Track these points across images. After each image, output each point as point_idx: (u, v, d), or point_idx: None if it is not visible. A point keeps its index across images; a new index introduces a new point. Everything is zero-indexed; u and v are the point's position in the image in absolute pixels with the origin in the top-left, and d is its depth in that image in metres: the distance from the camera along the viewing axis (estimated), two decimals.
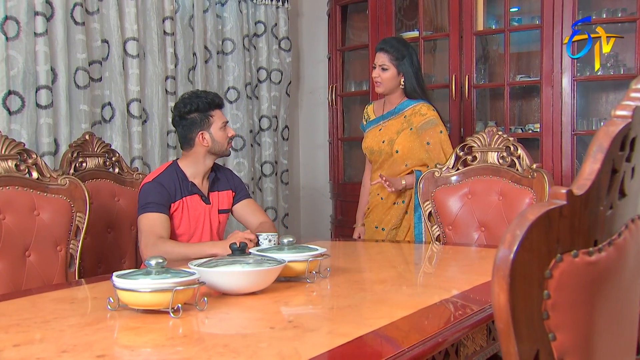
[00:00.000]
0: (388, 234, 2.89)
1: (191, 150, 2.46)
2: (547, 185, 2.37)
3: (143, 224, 2.30)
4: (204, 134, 2.44)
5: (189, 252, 2.20)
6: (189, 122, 2.44)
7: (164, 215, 2.32)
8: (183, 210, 2.41)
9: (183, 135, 2.47)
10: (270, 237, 2.16)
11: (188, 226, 2.42)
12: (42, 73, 2.97)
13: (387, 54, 2.90)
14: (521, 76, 3.82)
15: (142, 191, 2.38)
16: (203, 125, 2.44)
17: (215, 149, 2.46)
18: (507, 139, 2.54)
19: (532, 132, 3.62)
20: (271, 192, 4.42)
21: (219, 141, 2.46)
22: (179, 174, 2.44)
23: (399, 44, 2.95)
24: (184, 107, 2.44)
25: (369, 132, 3.02)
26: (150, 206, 2.31)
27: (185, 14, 3.80)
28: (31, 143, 2.93)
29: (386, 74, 2.90)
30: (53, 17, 3.03)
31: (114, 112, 3.35)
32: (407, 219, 2.87)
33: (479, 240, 2.51)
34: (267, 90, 4.38)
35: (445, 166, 2.64)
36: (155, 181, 2.38)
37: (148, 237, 2.26)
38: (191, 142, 2.45)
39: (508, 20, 3.62)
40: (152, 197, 2.33)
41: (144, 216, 2.31)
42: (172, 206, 2.38)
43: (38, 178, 2.12)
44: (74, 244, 2.15)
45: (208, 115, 2.45)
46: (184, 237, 2.43)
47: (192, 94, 2.49)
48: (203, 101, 2.44)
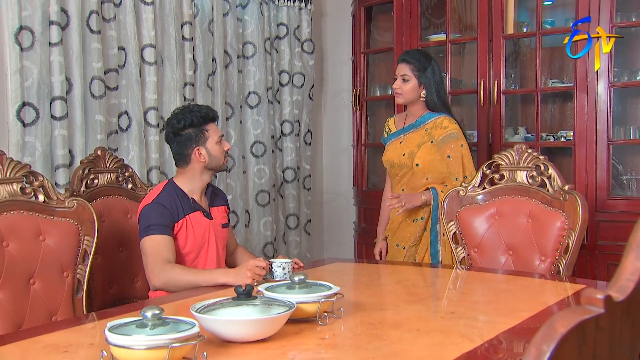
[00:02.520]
0: (408, 252, 2.80)
1: (187, 167, 2.38)
2: (580, 209, 2.22)
3: (147, 248, 2.22)
4: (200, 149, 2.35)
5: (199, 280, 2.11)
6: (184, 138, 2.35)
7: (168, 237, 2.24)
8: (187, 228, 2.32)
9: (178, 152, 2.38)
10: (284, 265, 2.06)
11: (194, 244, 2.34)
12: (56, 84, 2.91)
13: (409, 65, 2.81)
14: (553, 81, 3.64)
15: (142, 214, 2.29)
16: (199, 141, 2.35)
17: (212, 164, 2.38)
18: (538, 157, 2.39)
19: (565, 140, 3.45)
20: (293, 198, 4.33)
21: (216, 156, 2.38)
22: (177, 192, 2.35)
23: (421, 56, 2.86)
24: (178, 123, 2.35)
25: (390, 144, 2.92)
26: (153, 228, 2.22)
27: (205, 18, 3.70)
28: (45, 155, 2.88)
29: (407, 85, 2.81)
30: (68, 26, 2.96)
31: (130, 121, 3.28)
32: (426, 235, 2.77)
33: (506, 265, 2.37)
34: (289, 94, 4.28)
35: (471, 185, 2.50)
36: (155, 202, 2.29)
37: (155, 262, 2.17)
38: (187, 159, 2.37)
39: (540, 23, 3.44)
40: (154, 219, 2.24)
41: (147, 239, 2.22)
42: (176, 226, 2.29)
43: (44, 201, 2.05)
44: (81, 268, 2.08)
45: (203, 130, 2.36)
46: (191, 256, 2.35)
47: (184, 108, 2.40)
48: (197, 115, 2.35)
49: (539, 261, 2.30)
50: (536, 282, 2.08)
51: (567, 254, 2.22)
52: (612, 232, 3.25)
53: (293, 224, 4.35)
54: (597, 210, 3.26)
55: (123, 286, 2.55)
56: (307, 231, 4.47)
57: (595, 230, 3.19)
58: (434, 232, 2.71)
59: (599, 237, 3.24)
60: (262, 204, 4.05)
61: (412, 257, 2.80)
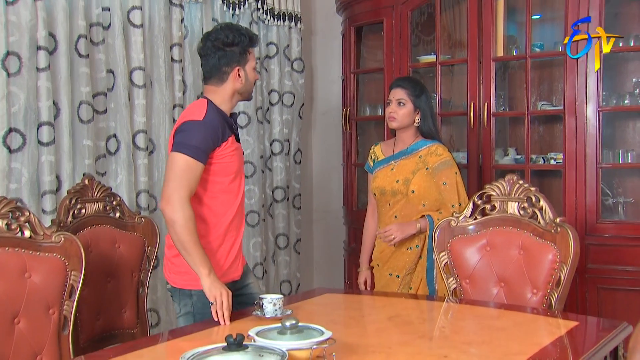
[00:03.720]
0: (402, 280, 2.78)
1: (221, 86, 2.27)
2: (572, 242, 2.21)
3: (179, 167, 2.12)
4: (240, 69, 2.27)
5: (192, 257, 2.11)
6: (227, 54, 2.24)
7: (202, 165, 2.16)
8: (231, 148, 2.25)
9: (216, 67, 2.25)
10: (275, 301, 2.04)
11: (239, 165, 2.29)
12: (44, 109, 2.87)
13: (405, 90, 2.80)
14: (543, 103, 3.65)
15: (187, 128, 2.16)
16: (240, 61, 2.27)
17: (244, 89, 2.31)
18: (529, 189, 2.38)
19: (555, 163, 3.45)
20: (283, 218, 4.30)
21: (251, 81, 2.32)
22: (219, 111, 2.25)
23: (416, 83, 2.88)
24: (226, 38, 2.23)
25: (379, 172, 2.89)
26: (194, 150, 2.13)
27: (194, 40, 3.68)
28: (32, 182, 2.84)
29: (403, 109, 2.79)
30: (56, 50, 2.93)
31: (119, 144, 3.25)
32: (421, 263, 2.76)
33: (497, 297, 2.36)
34: (279, 114, 4.26)
35: (463, 215, 2.49)
36: (205, 121, 2.17)
37: (180, 188, 2.10)
38: (224, 76, 2.26)
39: (530, 46, 3.45)
40: (198, 140, 2.14)
41: (183, 158, 2.12)
42: (224, 145, 2.21)
43: (31, 237, 2.02)
44: (68, 304, 2.04)
45: (247, 51, 2.28)
46: (237, 179, 2.29)
47: (232, 26, 2.31)
48: (245, 35, 2.26)
49: (531, 294, 2.29)
50: (529, 317, 2.07)
51: (559, 288, 2.22)
52: (602, 255, 3.26)
53: (283, 244, 4.32)
54: (587, 234, 3.27)
55: (110, 318, 2.51)
56: (297, 250, 4.45)
57: (585, 254, 3.19)
58: (430, 259, 2.69)
59: (588, 260, 3.24)
60: (251, 225, 4.02)
61: (407, 286, 2.77)
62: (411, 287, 2.77)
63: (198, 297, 2.19)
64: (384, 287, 2.83)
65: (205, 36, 2.32)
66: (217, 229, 2.27)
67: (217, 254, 2.26)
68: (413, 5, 3.80)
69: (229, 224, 2.29)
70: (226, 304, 2.08)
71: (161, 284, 3.44)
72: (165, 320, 3.46)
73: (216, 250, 2.26)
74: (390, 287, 2.80)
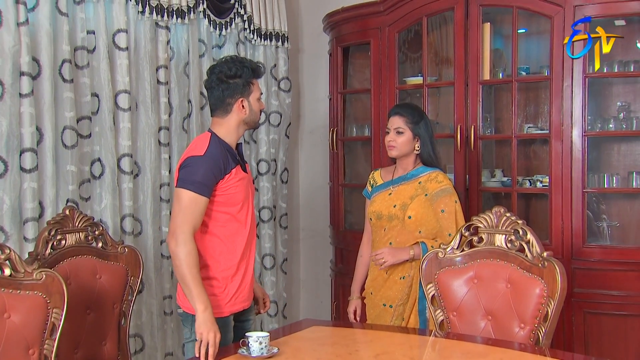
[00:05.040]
0: (395, 311, 2.74)
1: (226, 117, 2.35)
2: (559, 277, 2.21)
3: (185, 203, 2.21)
4: (243, 101, 2.34)
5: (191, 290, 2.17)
6: (231, 87, 2.33)
7: (206, 199, 2.24)
8: (236, 180, 2.31)
9: (221, 99, 2.34)
10: (261, 340, 2.01)
11: (245, 195, 2.35)
12: (26, 135, 2.83)
13: (403, 117, 2.78)
14: (529, 126, 3.66)
15: (191, 163, 2.24)
16: (244, 92, 2.35)
17: (250, 119, 2.38)
18: (516, 222, 2.38)
19: (541, 186, 3.46)
20: (269, 238, 4.28)
21: (255, 111, 2.39)
22: (222, 144, 2.32)
23: (414, 109, 2.84)
24: (229, 70, 2.33)
25: (377, 196, 2.86)
26: (198, 186, 2.21)
27: (181, 61, 3.66)
28: (14, 209, 2.79)
29: (401, 137, 2.77)
30: (40, 75, 2.89)
31: (103, 168, 3.21)
32: (412, 293, 2.72)
33: (485, 331, 2.35)
34: (266, 134, 4.24)
35: (450, 246, 2.48)
36: (207, 156, 2.25)
37: (187, 223, 2.20)
38: (228, 108, 2.34)
39: (516, 71, 3.46)
40: (201, 175, 2.22)
41: (189, 195, 2.21)
42: (227, 177, 2.28)
43: (11, 275, 1.98)
44: (49, 343, 2.01)
45: (250, 83, 2.36)
46: (245, 208, 2.34)
47: (235, 58, 2.40)
48: (248, 67, 2.36)
49: (519, 328, 2.29)
50: (516, 355, 2.06)
51: (547, 322, 2.21)
52: (588, 279, 3.27)
53: (269, 264, 4.30)
54: (573, 258, 3.28)
55: (89, 350, 2.47)
56: (284, 270, 4.43)
57: (572, 278, 3.20)
58: (422, 288, 2.63)
59: (575, 284, 3.25)
60: None
61: (400, 317, 2.73)
62: (403, 318, 2.74)
63: None
64: (377, 317, 2.80)
65: (211, 69, 2.41)
66: (229, 258, 2.33)
67: (232, 282, 2.33)
68: (400, 27, 3.80)
69: (241, 252, 2.35)
70: (212, 343, 2.11)
71: (146, 309, 3.40)
72: (150, 345, 3.42)
73: (231, 279, 2.33)
74: (384, 318, 2.77)
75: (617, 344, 3.23)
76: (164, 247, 3.50)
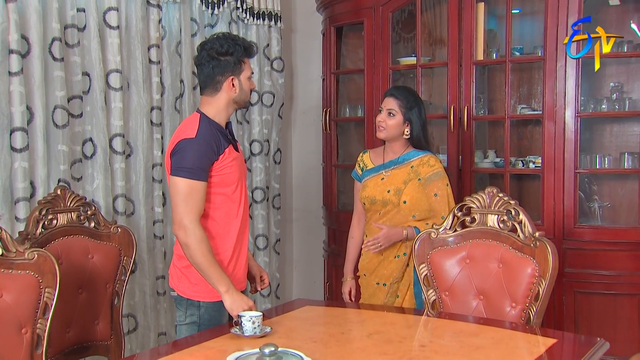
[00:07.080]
0: (390, 289, 2.75)
1: (215, 96, 2.29)
2: (551, 257, 2.22)
3: (183, 191, 2.16)
4: (234, 79, 2.28)
5: (210, 276, 2.16)
6: (221, 64, 2.26)
7: (204, 183, 2.19)
8: (229, 159, 2.26)
9: (210, 77, 2.28)
10: (254, 319, 2.02)
11: (239, 174, 2.31)
12: (17, 114, 2.80)
13: (397, 100, 2.76)
14: (522, 107, 3.67)
15: (183, 148, 2.18)
16: (234, 71, 2.28)
17: (239, 98, 2.32)
18: (508, 202, 2.38)
19: (533, 167, 3.47)
20: (262, 219, 4.28)
21: (245, 90, 2.33)
22: (212, 125, 2.26)
23: (410, 94, 2.81)
24: (221, 47, 2.25)
25: (369, 181, 2.85)
26: (194, 172, 2.16)
27: (172, 40, 3.62)
28: (5, 188, 2.78)
29: (392, 120, 2.76)
30: (29, 54, 2.85)
31: (95, 148, 3.19)
32: (408, 272, 2.73)
33: (476, 310, 2.37)
34: (259, 114, 4.22)
35: (443, 227, 2.49)
36: (198, 138, 2.18)
37: (189, 208, 2.15)
38: (218, 86, 2.28)
39: (510, 51, 3.45)
40: (195, 160, 2.16)
41: (185, 182, 2.16)
42: (221, 158, 2.23)
43: (2, 254, 1.97)
44: (41, 323, 2.00)
45: (241, 61, 2.30)
46: (239, 188, 2.31)
47: (228, 35, 2.32)
48: (240, 45, 2.29)
49: (510, 307, 2.30)
50: (507, 334, 2.07)
51: (538, 302, 2.23)
52: (579, 260, 3.30)
53: (262, 245, 4.30)
54: (565, 238, 3.30)
55: (82, 330, 2.46)
56: (277, 251, 4.43)
57: (563, 258, 3.22)
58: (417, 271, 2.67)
59: (566, 264, 3.27)
60: None
61: (394, 295, 2.75)
62: (398, 296, 2.75)
63: (206, 309, 2.27)
64: (371, 296, 2.81)
65: (201, 46, 2.34)
66: (226, 240, 2.30)
67: (228, 264, 2.30)
68: (394, 6, 3.78)
69: (237, 234, 2.33)
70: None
71: (139, 289, 3.40)
72: (143, 325, 3.42)
73: (227, 261, 2.30)
74: (377, 296, 2.78)
75: (606, 322, 3.27)
76: (156, 227, 3.49)
